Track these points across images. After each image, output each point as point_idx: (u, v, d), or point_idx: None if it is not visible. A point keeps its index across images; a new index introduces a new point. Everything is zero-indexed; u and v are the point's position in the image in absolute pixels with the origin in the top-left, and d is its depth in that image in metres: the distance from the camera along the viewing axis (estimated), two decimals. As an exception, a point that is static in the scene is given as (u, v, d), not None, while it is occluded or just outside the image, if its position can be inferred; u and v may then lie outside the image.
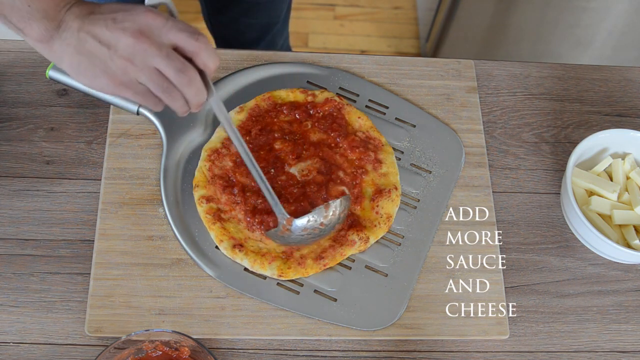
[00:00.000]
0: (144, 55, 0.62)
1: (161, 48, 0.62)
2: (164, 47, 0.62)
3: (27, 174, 0.83)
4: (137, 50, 0.61)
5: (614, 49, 1.78)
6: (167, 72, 0.63)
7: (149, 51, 0.62)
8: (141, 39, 0.61)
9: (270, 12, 1.30)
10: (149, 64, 0.62)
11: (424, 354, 0.77)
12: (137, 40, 0.61)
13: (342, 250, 0.79)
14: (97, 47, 0.62)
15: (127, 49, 0.62)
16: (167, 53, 0.62)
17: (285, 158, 0.83)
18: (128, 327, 0.75)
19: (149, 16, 0.62)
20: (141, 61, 0.62)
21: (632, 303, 0.82)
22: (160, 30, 0.62)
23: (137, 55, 0.62)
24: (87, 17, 0.63)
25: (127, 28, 0.62)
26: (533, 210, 0.86)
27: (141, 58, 0.62)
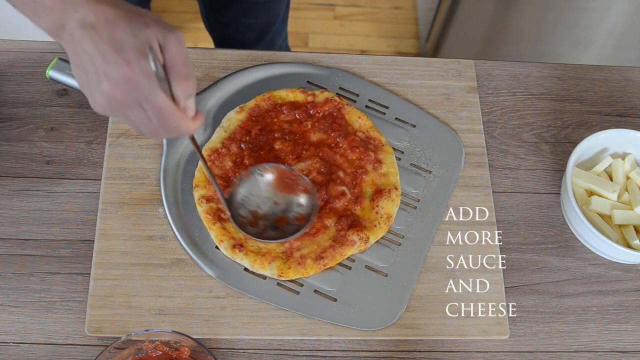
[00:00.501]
0: (129, 98, 0.60)
1: (147, 99, 0.60)
2: (149, 98, 0.60)
3: (27, 174, 0.83)
4: (121, 92, 0.59)
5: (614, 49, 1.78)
6: (152, 120, 0.62)
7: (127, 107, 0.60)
8: (125, 87, 0.59)
9: (269, 11, 1.30)
10: (129, 111, 0.61)
11: (424, 354, 0.77)
12: (120, 88, 0.59)
13: (342, 250, 0.79)
14: (89, 68, 0.60)
15: (113, 87, 0.59)
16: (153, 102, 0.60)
17: (285, 158, 0.83)
18: (128, 327, 0.75)
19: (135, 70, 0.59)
20: (122, 104, 0.60)
21: (632, 303, 0.82)
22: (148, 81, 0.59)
23: (122, 95, 0.60)
24: (87, 29, 0.60)
25: (111, 76, 0.59)
26: (533, 210, 0.86)
27: (131, 94, 0.60)
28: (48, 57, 0.90)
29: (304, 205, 0.79)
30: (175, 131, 0.63)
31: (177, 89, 0.61)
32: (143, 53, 0.59)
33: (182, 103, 0.62)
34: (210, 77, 0.90)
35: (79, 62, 0.61)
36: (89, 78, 0.60)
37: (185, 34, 1.97)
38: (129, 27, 0.59)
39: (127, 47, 0.58)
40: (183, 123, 0.63)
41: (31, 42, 0.91)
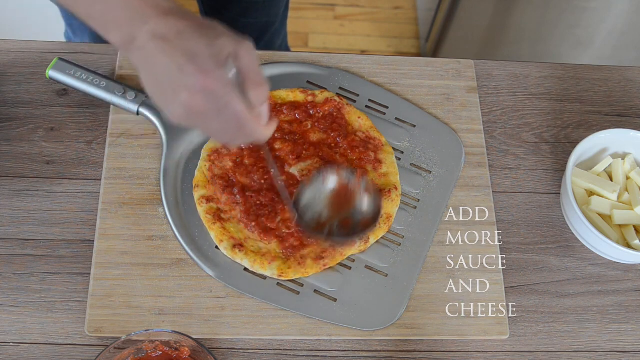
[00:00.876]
0: (208, 107, 0.60)
1: (225, 107, 0.60)
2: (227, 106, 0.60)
3: (27, 174, 0.83)
4: (200, 102, 0.60)
5: (614, 49, 1.78)
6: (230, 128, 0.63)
7: (205, 116, 0.61)
8: (204, 97, 0.59)
9: (268, 11, 1.30)
10: (207, 120, 0.62)
11: (424, 354, 0.77)
12: (199, 97, 0.60)
13: (342, 250, 0.79)
14: (163, 80, 0.60)
15: (191, 97, 0.60)
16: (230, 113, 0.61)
17: (285, 158, 0.83)
18: (128, 327, 0.75)
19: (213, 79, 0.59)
20: (201, 114, 0.61)
21: (632, 303, 0.82)
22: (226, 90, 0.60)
23: (201, 104, 0.60)
24: (159, 41, 0.59)
25: (189, 86, 0.59)
26: (533, 210, 0.86)
27: (203, 110, 0.61)
28: (48, 57, 0.90)
29: (366, 206, 0.78)
30: (252, 137, 0.64)
31: (252, 96, 0.62)
32: (219, 62, 0.59)
33: (257, 109, 0.63)
34: (210, 77, 0.90)
35: (152, 75, 0.61)
36: (164, 90, 0.61)
37: (185, 34, 1.97)
38: (202, 37, 0.60)
39: (202, 56, 0.59)
40: (260, 129, 0.64)
41: (31, 42, 0.91)
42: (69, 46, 0.92)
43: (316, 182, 0.77)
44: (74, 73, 0.85)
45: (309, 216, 0.76)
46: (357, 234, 0.77)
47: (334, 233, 0.76)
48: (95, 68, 0.89)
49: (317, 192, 0.78)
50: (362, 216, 0.77)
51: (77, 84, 0.85)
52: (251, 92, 0.62)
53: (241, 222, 0.79)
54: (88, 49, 0.91)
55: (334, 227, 0.77)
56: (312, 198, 0.77)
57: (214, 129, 0.63)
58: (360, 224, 0.77)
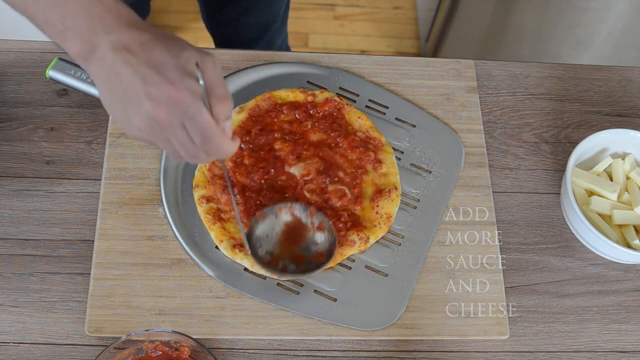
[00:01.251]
0: (173, 118, 0.59)
1: (192, 118, 0.59)
2: (194, 117, 0.59)
3: (27, 174, 0.83)
4: (164, 113, 0.58)
5: (614, 49, 1.78)
6: (194, 139, 0.61)
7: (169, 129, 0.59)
8: (169, 108, 0.58)
9: (268, 10, 1.30)
10: (170, 133, 0.60)
11: (424, 354, 0.77)
12: (164, 108, 0.58)
13: (342, 250, 0.79)
14: (125, 91, 0.58)
15: (156, 108, 0.58)
16: (196, 125, 0.59)
17: (285, 158, 0.83)
18: (128, 327, 0.75)
19: (180, 89, 0.58)
20: (164, 126, 0.59)
21: (632, 303, 0.82)
22: (192, 105, 0.58)
23: (166, 115, 0.58)
24: (122, 52, 0.58)
25: (153, 96, 0.57)
26: (533, 210, 0.86)
27: (167, 122, 0.59)
28: (48, 57, 0.90)
29: (320, 243, 0.77)
30: (216, 152, 0.62)
31: (217, 110, 0.60)
32: (186, 72, 0.58)
33: (222, 124, 0.61)
34: (210, 77, 0.90)
35: (113, 87, 0.59)
36: (124, 102, 0.59)
37: (185, 34, 1.98)
38: (166, 49, 0.58)
39: (168, 67, 0.58)
40: (225, 143, 0.62)
41: (31, 42, 0.91)
42: (69, 46, 0.92)
43: (268, 217, 0.77)
44: (74, 73, 0.85)
45: (261, 251, 0.76)
46: (310, 270, 0.75)
47: (287, 269, 0.76)
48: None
49: (269, 228, 0.77)
50: (315, 252, 0.77)
51: (77, 84, 0.84)
52: (217, 105, 0.60)
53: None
54: (88, 49, 0.91)
55: (286, 262, 0.76)
56: (264, 233, 0.77)
57: (176, 144, 0.61)
58: (313, 260, 0.76)
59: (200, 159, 0.63)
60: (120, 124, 0.61)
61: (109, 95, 0.60)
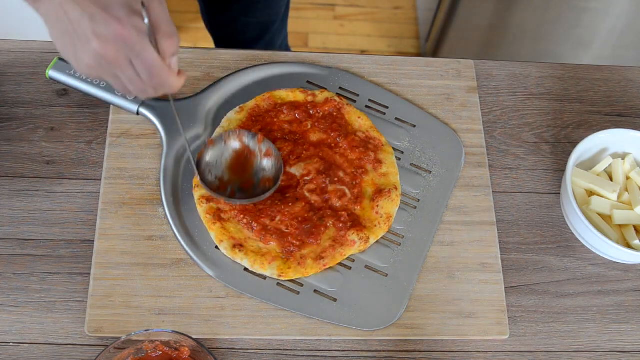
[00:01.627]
0: (120, 55, 0.61)
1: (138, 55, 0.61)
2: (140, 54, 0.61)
3: (27, 174, 0.83)
4: (112, 50, 0.61)
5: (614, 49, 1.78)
6: (142, 75, 0.63)
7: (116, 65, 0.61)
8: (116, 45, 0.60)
9: (269, 10, 1.30)
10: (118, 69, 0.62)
11: (424, 354, 0.77)
12: (111, 45, 0.60)
13: (342, 250, 0.79)
14: (74, 29, 0.61)
15: (103, 45, 0.60)
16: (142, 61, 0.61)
17: (285, 158, 0.83)
18: (128, 327, 0.75)
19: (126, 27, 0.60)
20: (112, 63, 0.62)
21: (632, 303, 0.82)
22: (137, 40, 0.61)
23: (113, 52, 0.61)
24: None
25: (101, 34, 0.60)
26: (533, 210, 0.86)
27: (115, 59, 0.61)
28: (48, 57, 0.90)
29: (267, 169, 0.80)
30: (162, 87, 0.65)
31: (164, 47, 0.63)
32: (132, 10, 0.60)
33: (168, 60, 0.64)
34: (210, 77, 0.90)
35: (61, 26, 0.61)
36: (73, 40, 0.61)
37: (185, 34, 1.98)
38: (107, 13, 0.60)
39: (115, 5, 0.60)
40: (171, 79, 0.64)
41: (31, 42, 0.91)
42: (69, 46, 0.92)
43: (218, 145, 0.80)
44: (74, 73, 0.85)
45: (210, 177, 0.79)
46: (257, 195, 0.79)
47: (235, 195, 0.79)
48: (95, 68, 0.89)
49: (218, 154, 0.80)
50: (263, 178, 0.80)
51: (77, 84, 0.85)
52: (163, 42, 0.63)
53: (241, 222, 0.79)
54: (88, 49, 0.91)
55: (235, 188, 0.79)
56: (213, 159, 0.80)
57: (124, 79, 0.64)
58: (260, 186, 0.80)
59: (149, 94, 0.66)
60: (70, 62, 0.64)
61: (58, 34, 0.62)
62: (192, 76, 0.89)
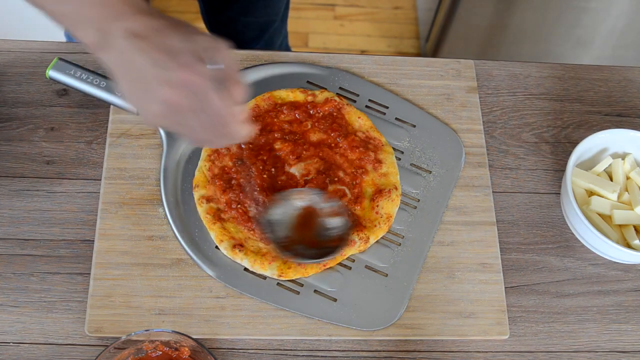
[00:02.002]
0: (189, 103, 0.59)
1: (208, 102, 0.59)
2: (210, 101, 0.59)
3: (27, 174, 0.83)
4: (181, 97, 0.59)
5: (614, 49, 1.78)
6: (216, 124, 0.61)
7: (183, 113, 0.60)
8: (186, 92, 0.59)
9: (268, 10, 1.30)
10: (185, 118, 0.61)
11: (424, 354, 0.77)
12: (181, 92, 0.58)
13: (342, 250, 0.78)
14: (141, 77, 0.59)
15: (172, 92, 0.59)
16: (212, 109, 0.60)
17: (285, 158, 0.83)
18: (128, 327, 0.75)
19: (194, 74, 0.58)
20: (180, 110, 0.60)
21: (632, 303, 0.82)
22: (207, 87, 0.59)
23: (183, 100, 0.59)
24: (135, 39, 0.59)
25: (170, 81, 0.58)
26: (533, 210, 0.86)
27: (183, 106, 0.60)
28: (48, 57, 0.90)
29: (335, 227, 0.78)
30: (231, 137, 0.63)
31: (233, 94, 0.61)
32: (199, 58, 0.59)
33: (236, 108, 0.62)
34: (210, 77, 0.90)
35: (128, 74, 0.60)
36: (140, 89, 0.60)
37: (185, 34, 1.97)
38: (179, 34, 0.59)
39: (182, 52, 0.58)
40: (238, 128, 0.63)
41: (31, 42, 0.91)
42: (69, 46, 0.92)
43: (283, 203, 0.78)
44: (74, 73, 0.85)
45: (277, 235, 0.77)
46: (325, 255, 0.76)
47: (302, 254, 0.76)
48: (95, 68, 0.89)
49: (284, 213, 0.78)
50: (328, 238, 0.78)
51: (77, 84, 0.84)
52: (230, 90, 0.61)
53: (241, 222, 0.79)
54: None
55: (301, 248, 0.77)
56: (280, 217, 0.78)
57: (192, 128, 0.62)
58: (327, 245, 0.77)
59: (214, 143, 0.65)
60: (138, 111, 0.62)
61: (125, 83, 0.61)
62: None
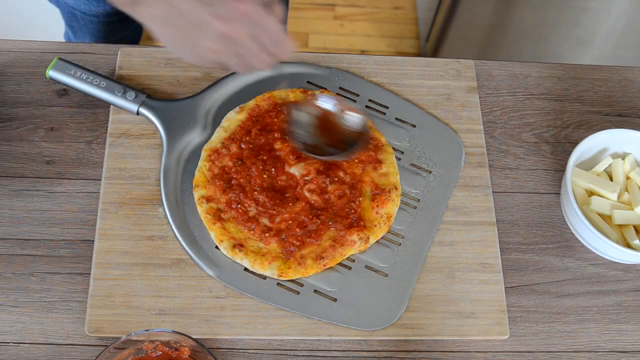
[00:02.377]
0: (245, 32, 0.63)
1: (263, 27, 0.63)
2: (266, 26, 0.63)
3: (27, 174, 0.83)
4: (238, 28, 0.62)
5: (614, 49, 1.78)
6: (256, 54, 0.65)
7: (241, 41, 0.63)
8: (242, 22, 0.62)
9: None
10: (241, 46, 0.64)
11: (424, 354, 0.77)
12: (237, 23, 0.62)
13: (342, 250, 0.79)
14: (189, 19, 0.62)
15: (228, 25, 0.62)
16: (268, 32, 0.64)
17: (285, 158, 0.83)
18: (128, 327, 0.75)
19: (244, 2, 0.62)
20: (237, 41, 0.63)
21: (632, 303, 0.82)
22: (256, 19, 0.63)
23: (240, 30, 0.62)
24: None
25: (224, 16, 0.62)
26: (533, 210, 0.86)
27: (240, 36, 0.63)
28: (48, 57, 0.90)
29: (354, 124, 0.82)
30: (285, 53, 0.67)
31: (278, 13, 0.65)
32: None
33: (283, 26, 0.66)
34: (210, 77, 0.90)
35: (172, 20, 0.62)
36: (190, 32, 0.62)
37: (185, 34, 1.97)
38: None
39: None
40: (290, 42, 0.67)
41: (31, 42, 0.91)
42: (69, 46, 0.92)
43: (302, 111, 0.82)
44: (74, 73, 0.85)
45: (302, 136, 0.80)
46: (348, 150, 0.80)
47: (326, 152, 0.80)
48: (95, 68, 0.89)
49: (307, 115, 0.82)
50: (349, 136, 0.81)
51: (77, 84, 0.85)
52: (276, 9, 0.65)
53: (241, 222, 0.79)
54: (88, 49, 0.91)
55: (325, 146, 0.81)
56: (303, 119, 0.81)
57: (246, 56, 0.64)
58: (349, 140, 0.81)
59: (269, 64, 0.67)
60: (187, 56, 0.65)
61: (169, 30, 0.64)
62: (192, 76, 0.89)
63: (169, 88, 0.88)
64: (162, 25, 0.63)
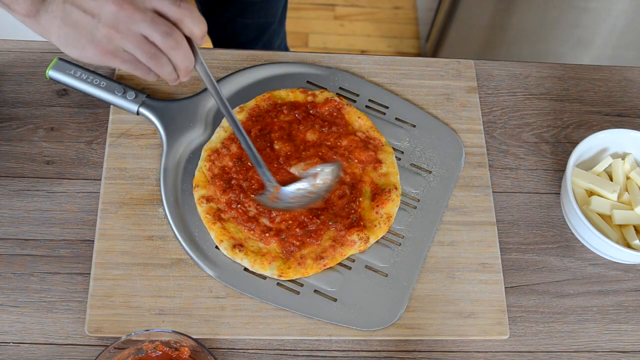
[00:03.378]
0: (128, 21, 0.61)
1: (145, 13, 0.61)
2: (148, 12, 0.61)
3: (27, 174, 0.83)
4: (120, 17, 0.61)
5: (614, 49, 1.78)
6: (153, 37, 0.62)
7: (132, 17, 0.61)
8: (124, 7, 0.61)
9: (266, 11, 1.30)
10: (133, 30, 0.62)
11: (424, 354, 0.77)
12: (121, 7, 0.61)
13: (342, 250, 0.79)
14: (82, 17, 0.62)
15: (110, 16, 0.61)
16: (151, 18, 0.61)
17: (285, 158, 0.83)
18: (128, 327, 0.75)
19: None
20: (126, 28, 0.62)
21: (632, 303, 0.82)
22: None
23: (121, 22, 0.61)
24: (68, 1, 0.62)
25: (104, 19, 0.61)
26: (533, 210, 0.86)
27: (125, 25, 0.61)
28: (48, 57, 0.90)
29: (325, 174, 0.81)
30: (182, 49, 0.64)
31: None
32: None
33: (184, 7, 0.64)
34: (210, 77, 0.90)
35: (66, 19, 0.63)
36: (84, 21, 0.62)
37: (185, 34, 1.97)
38: None
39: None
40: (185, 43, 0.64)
41: (31, 42, 0.91)
42: (69, 46, 0.92)
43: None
44: (74, 73, 0.85)
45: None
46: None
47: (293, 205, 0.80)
48: (95, 68, 0.89)
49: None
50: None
51: (77, 84, 0.85)
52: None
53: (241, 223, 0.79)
54: (88, 49, 0.91)
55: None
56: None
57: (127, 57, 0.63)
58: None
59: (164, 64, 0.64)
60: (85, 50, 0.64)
61: (64, 32, 0.64)
62: (192, 76, 0.89)
63: (169, 88, 0.88)
64: (59, 27, 0.64)
